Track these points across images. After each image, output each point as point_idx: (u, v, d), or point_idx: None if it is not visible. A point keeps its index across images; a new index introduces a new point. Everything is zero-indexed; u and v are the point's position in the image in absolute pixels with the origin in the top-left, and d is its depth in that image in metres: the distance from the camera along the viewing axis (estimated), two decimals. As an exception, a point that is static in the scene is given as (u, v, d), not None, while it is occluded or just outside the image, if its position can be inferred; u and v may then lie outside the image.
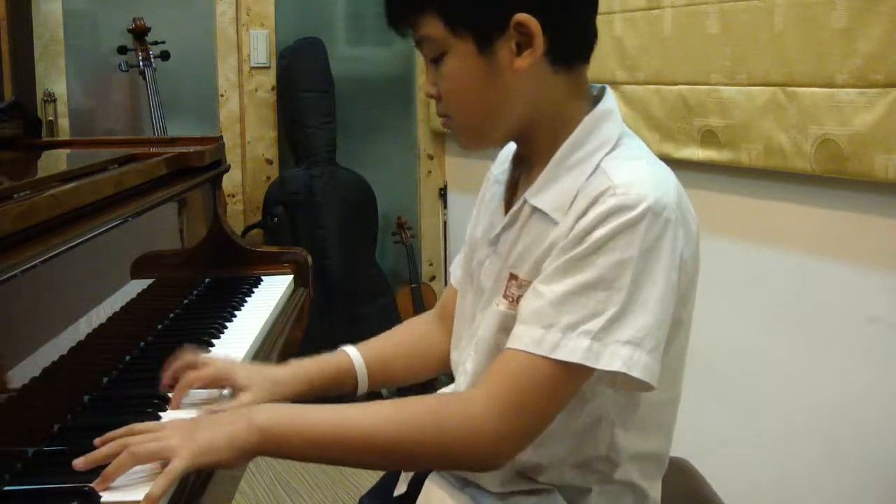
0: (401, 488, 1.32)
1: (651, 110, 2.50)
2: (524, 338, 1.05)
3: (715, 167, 2.34)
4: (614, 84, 2.58)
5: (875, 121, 1.87)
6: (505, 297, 1.14)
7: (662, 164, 1.13)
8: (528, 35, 1.08)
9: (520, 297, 1.11)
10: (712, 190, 2.37)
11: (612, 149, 1.11)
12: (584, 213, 1.05)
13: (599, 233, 1.03)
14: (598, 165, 1.09)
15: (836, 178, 2.01)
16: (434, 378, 1.44)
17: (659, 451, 1.20)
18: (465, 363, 1.22)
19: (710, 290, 1.31)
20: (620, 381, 1.05)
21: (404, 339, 1.42)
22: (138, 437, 1.04)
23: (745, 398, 2.35)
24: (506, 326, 1.13)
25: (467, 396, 1.09)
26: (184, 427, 1.06)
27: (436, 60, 1.12)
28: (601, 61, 2.53)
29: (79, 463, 1.02)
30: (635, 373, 1.02)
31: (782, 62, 2.09)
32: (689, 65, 2.37)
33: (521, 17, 1.07)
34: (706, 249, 1.17)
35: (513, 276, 1.14)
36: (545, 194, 1.12)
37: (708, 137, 2.32)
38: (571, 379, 1.05)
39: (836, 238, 2.10)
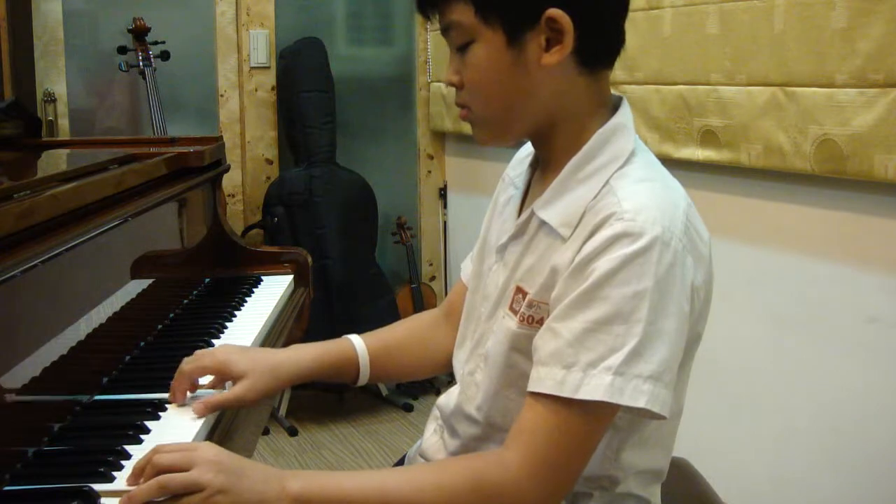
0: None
1: (651, 110, 2.50)
2: (547, 380, 1.03)
3: (715, 167, 2.34)
4: (614, 84, 2.58)
5: (875, 121, 1.87)
6: (511, 309, 1.14)
7: (673, 184, 1.12)
8: (559, 31, 1.07)
9: (529, 316, 1.11)
10: (712, 190, 2.37)
11: (623, 164, 1.10)
12: (591, 236, 1.04)
13: (608, 264, 1.01)
14: (607, 181, 1.08)
15: (835, 178, 2.01)
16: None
17: (660, 467, 1.19)
18: (475, 374, 1.20)
19: (709, 290, 1.31)
20: (635, 411, 1.04)
21: (409, 334, 1.41)
22: (167, 458, 0.99)
23: (745, 398, 2.35)
24: (517, 346, 1.12)
25: (507, 461, 1.05)
26: (217, 463, 0.99)
27: (461, 48, 1.11)
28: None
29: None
30: (657, 409, 1.02)
31: (782, 62, 2.09)
32: (688, 65, 2.37)
33: (554, 12, 1.06)
34: (706, 249, 1.16)
35: (520, 290, 1.13)
36: (554, 207, 1.11)
37: (708, 137, 2.32)
38: (599, 420, 1.05)
39: (836, 238, 2.10)
